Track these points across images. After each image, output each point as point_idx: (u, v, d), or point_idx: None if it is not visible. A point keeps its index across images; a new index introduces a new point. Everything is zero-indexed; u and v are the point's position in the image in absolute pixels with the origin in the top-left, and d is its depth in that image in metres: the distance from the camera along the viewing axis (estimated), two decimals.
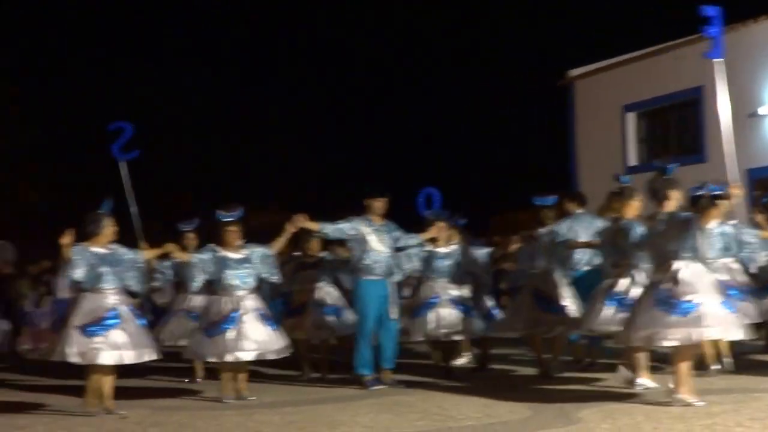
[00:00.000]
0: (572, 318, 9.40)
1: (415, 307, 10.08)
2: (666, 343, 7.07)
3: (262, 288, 9.37)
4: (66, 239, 7.87)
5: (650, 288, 7.33)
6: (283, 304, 10.98)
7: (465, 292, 10.19)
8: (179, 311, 10.48)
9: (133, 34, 34.72)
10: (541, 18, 35.98)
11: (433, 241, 10.02)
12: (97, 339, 7.75)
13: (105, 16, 34.18)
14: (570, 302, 9.49)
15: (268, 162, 32.06)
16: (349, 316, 10.29)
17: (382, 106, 35.40)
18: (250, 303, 8.72)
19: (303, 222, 9.03)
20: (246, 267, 8.79)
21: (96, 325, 7.81)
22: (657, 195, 7.45)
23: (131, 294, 8.51)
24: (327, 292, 10.52)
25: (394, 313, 9.43)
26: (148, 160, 10.48)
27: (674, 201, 7.43)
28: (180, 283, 10.36)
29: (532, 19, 36.29)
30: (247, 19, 36.98)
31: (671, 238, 7.21)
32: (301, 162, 32.41)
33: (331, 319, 10.33)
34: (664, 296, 7.07)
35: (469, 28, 36.28)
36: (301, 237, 10.03)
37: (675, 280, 7.06)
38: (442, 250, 10.14)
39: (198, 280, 8.96)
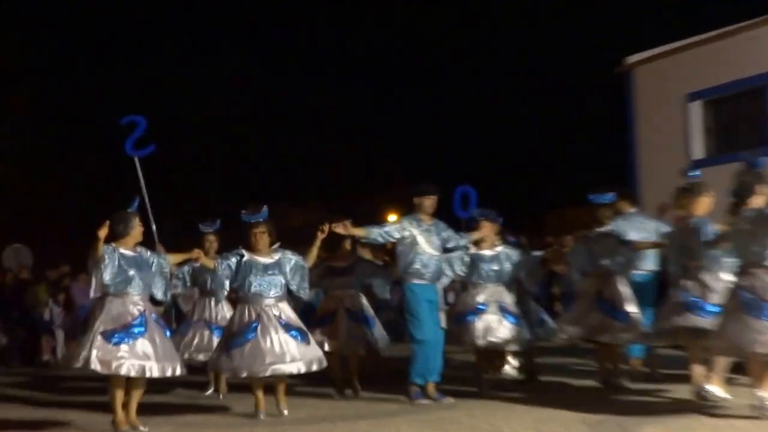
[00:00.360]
0: (639, 326, 9.31)
1: (460, 313, 9.97)
2: (762, 350, 6.97)
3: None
4: (103, 231, 7.78)
5: (736, 292, 7.27)
6: (303, 312, 10.49)
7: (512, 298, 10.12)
8: (199, 321, 10.34)
9: (158, 24, 35.72)
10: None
11: (477, 243, 9.99)
12: (122, 347, 7.68)
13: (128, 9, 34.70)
14: (635, 308, 9.37)
15: (307, 159, 32.25)
16: (380, 329, 10.24)
17: (429, 99, 35.63)
18: (275, 312, 8.55)
19: (347, 228, 8.97)
20: (272, 273, 8.66)
21: (122, 332, 7.73)
22: (745, 190, 7.37)
23: (154, 302, 8.49)
24: (359, 300, 10.34)
25: (441, 320, 9.45)
26: (166, 155, 10.52)
27: (763, 197, 7.37)
28: (203, 289, 10.30)
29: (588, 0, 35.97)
30: (284, 11, 37.42)
31: (758, 237, 7.14)
32: (341, 159, 32.44)
33: (365, 329, 10.16)
34: (751, 300, 7.03)
35: (521, 11, 36.16)
36: (330, 239, 9.81)
37: (761, 282, 7.03)
38: (487, 252, 10.07)
39: (224, 287, 8.88)
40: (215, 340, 9.59)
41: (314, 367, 8.55)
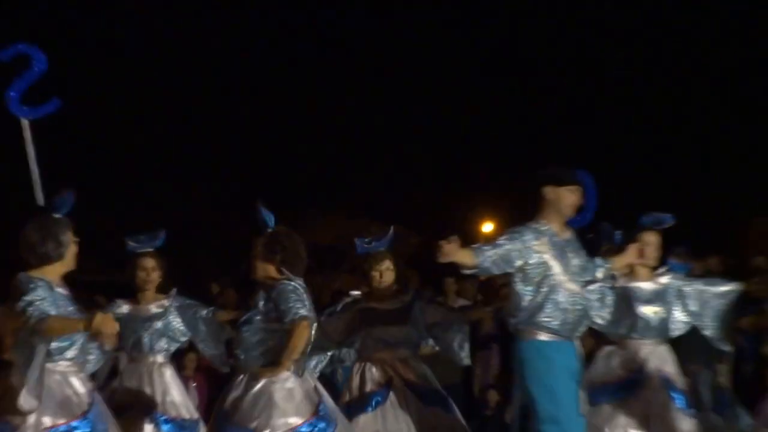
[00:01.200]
0: None
1: (600, 387, 9.42)
2: None
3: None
4: (109, 326, 6.96)
5: None
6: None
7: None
8: (137, 407, 9.73)
9: None
10: None
11: (632, 270, 9.51)
12: None
13: None
14: None
15: (324, 150, 32.92)
16: (459, 415, 9.64)
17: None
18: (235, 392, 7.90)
19: (454, 251, 8.05)
20: (247, 323, 8.04)
21: (83, 427, 7.29)
22: None
23: None
24: (422, 367, 9.73)
25: (583, 399, 8.57)
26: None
27: None
28: (135, 350, 9.77)
29: None
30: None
31: None
32: (378, 148, 32.93)
33: (443, 414, 9.53)
34: None
35: None
36: (362, 262, 9.57)
37: None
38: (645, 286, 9.48)
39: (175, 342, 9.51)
40: None
41: None
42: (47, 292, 7.26)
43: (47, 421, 7.17)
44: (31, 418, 7.15)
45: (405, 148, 33.11)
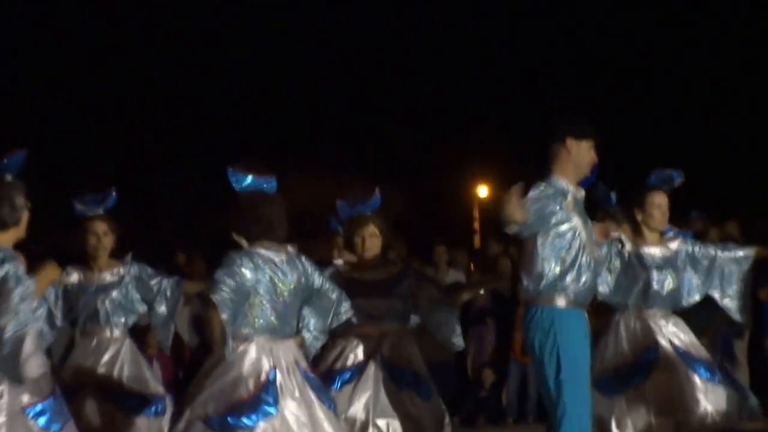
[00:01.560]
0: None
1: (612, 374, 9.21)
2: None
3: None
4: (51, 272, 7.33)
5: None
6: None
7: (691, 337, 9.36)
8: (84, 389, 9.13)
9: None
10: None
11: (640, 234, 9.36)
12: None
13: None
14: None
15: (305, 103, 32.70)
16: (439, 401, 9.35)
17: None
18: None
19: (515, 203, 7.86)
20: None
21: (54, 408, 7.22)
22: None
23: None
24: (408, 345, 9.34)
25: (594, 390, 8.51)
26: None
27: None
28: (89, 323, 9.29)
29: None
30: None
31: None
32: (364, 102, 32.94)
33: (415, 400, 9.16)
34: None
35: None
36: (353, 224, 9.11)
37: None
38: (655, 251, 9.30)
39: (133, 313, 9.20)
40: None
41: None
42: (15, 260, 7.12)
43: (24, 399, 7.10)
44: (5, 396, 7.04)
45: (393, 102, 32.89)
